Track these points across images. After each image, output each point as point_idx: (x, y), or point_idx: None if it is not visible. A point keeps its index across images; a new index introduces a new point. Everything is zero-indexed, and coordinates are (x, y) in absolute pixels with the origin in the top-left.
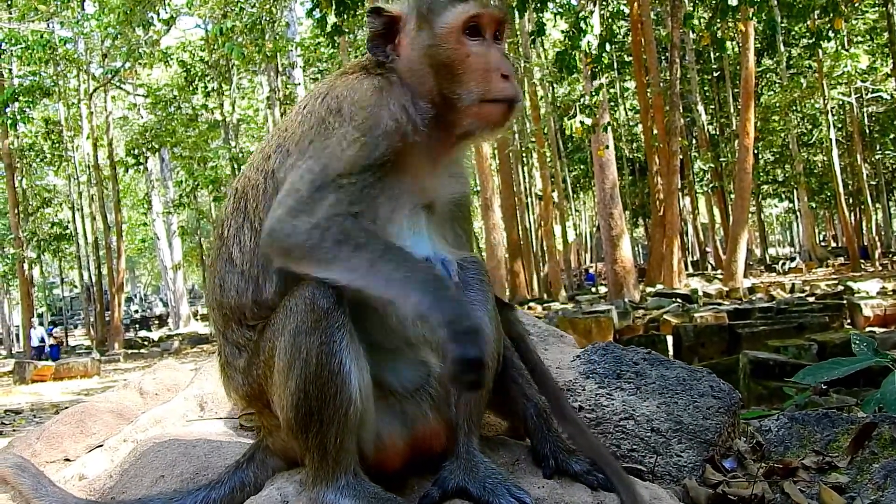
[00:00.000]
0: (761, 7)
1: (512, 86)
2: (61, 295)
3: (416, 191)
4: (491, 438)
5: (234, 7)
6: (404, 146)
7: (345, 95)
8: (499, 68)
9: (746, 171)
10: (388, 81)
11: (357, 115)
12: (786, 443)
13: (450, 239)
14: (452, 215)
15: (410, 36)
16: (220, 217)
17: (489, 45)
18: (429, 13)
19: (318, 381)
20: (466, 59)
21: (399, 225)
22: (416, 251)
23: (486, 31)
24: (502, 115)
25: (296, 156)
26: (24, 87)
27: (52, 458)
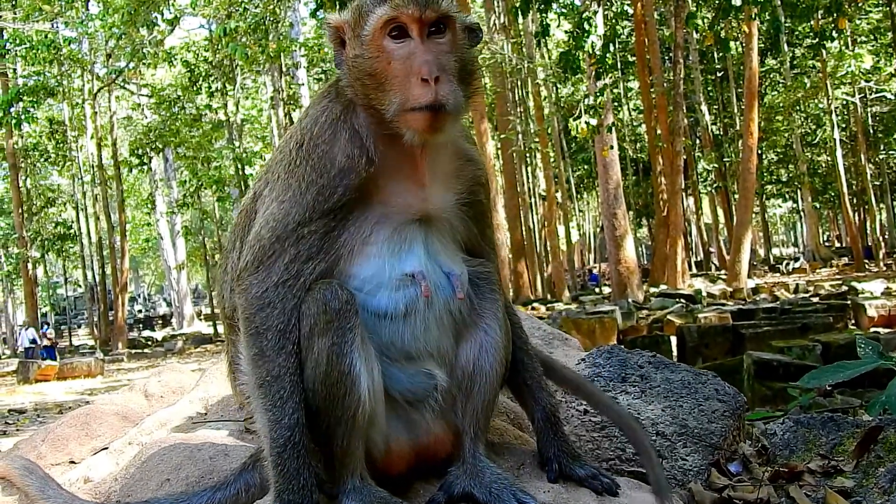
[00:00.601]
0: (765, 7)
1: (430, 91)
2: (65, 294)
3: (397, 210)
4: (496, 444)
5: (238, 7)
6: (366, 177)
7: (307, 128)
8: (418, 72)
9: (750, 172)
10: (343, 105)
11: (314, 154)
12: (791, 446)
13: (457, 246)
14: (460, 218)
15: (348, 47)
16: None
17: (417, 45)
18: (357, 20)
19: (327, 381)
20: (388, 65)
21: (378, 247)
22: (407, 268)
23: (413, 31)
24: (427, 123)
25: (269, 188)
26: (28, 86)
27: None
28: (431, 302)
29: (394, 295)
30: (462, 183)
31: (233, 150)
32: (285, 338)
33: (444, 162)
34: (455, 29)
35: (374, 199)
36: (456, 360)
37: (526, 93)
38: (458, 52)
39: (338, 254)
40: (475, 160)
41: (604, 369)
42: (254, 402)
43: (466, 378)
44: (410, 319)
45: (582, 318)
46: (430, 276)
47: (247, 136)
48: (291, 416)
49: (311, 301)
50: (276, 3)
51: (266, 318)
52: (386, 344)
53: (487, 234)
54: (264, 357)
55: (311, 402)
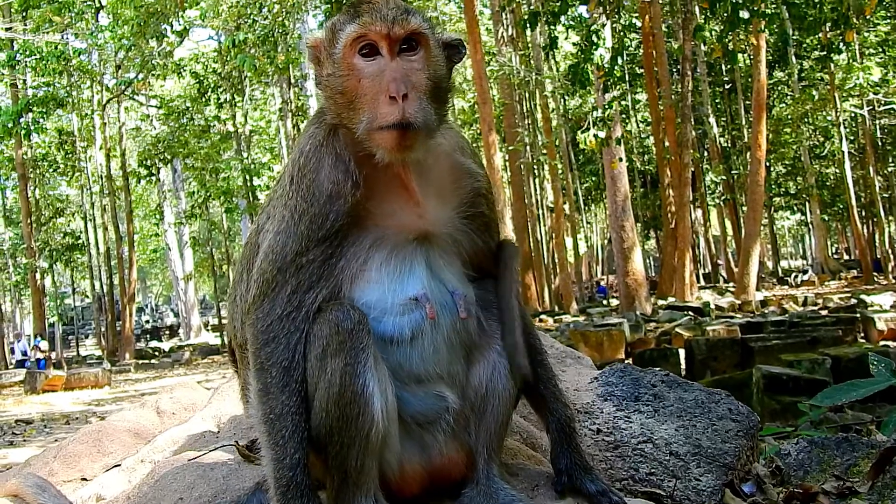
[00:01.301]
0: (773, 19)
1: (398, 109)
2: (73, 305)
3: (393, 231)
4: (510, 464)
5: (247, 19)
6: (355, 201)
7: (296, 156)
8: (386, 90)
9: (758, 184)
10: (326, 129)
11: (302, 183)
12: (805, 467)
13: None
14: (463, 232)
15: (323, 66)
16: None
17: (386, 63)
18: (330, 39)
19: (340, 401)
20: (358, 83)
21: (378, 271)
22: (410, 291)
23: (383, 48)
24: (395, 142)
25: (270, 221)
26: (38, 97)
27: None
28: (438, 324)
29: (399, 320)
30: (460, 196)
31: (241, 162)
32: (289, 375)
33: (437, 177)
34: (428, 46)
35: (368, 223)
36: (468, 381)
37: (534, 105)
38: (430, 69)
39: (338, 280)
40: (473, 172)
41: (616, 388)
42: (259, 436)
43: (479, 399)
44: (417, 343)
45: (590, 330)
46: (434, 297)
47: (255, 148)
48: (293, 455)
49: (323, 322)
50: (285, 15)
51: (271, 353)
52: (394, 368)
53: (493, 245)
54: (268, 394)
55: (325, 423)
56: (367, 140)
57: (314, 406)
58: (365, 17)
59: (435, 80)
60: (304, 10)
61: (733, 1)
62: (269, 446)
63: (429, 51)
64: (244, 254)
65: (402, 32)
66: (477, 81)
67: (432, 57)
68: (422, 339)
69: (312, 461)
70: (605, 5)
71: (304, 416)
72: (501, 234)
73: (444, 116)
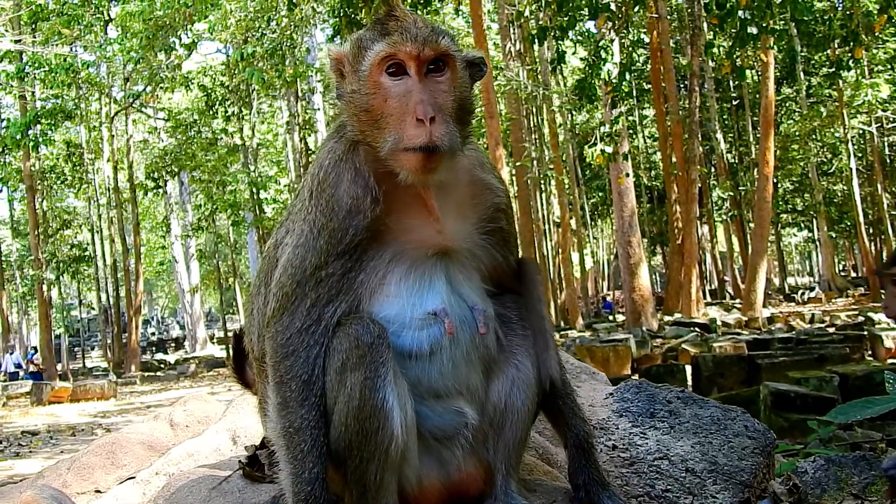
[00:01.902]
0: (781, 36)
1: (425, 132)
2: (79, 316)
3: (412, 246)
4: (527, 480)
5: (255, 33)
6: (374, 216)
7: (315, 170)
8: (414, 112)
9: (766, 200)
10: (346, 143)
11: (321, 198)
12: (823, 485)
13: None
14: (483, 247)
15: (346, 81)
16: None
17: (414, 84)
18: (356, 55)
19: (360, 415)
20: (385, 103)
21: (398, 285)
22: (429, 306)
23: (411, 69)
24: (421, 164)
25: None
26: (46, 109)
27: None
28: (457, 339)
29: (417, 335)
30: (480, 212)
31: (248, 175)
32: (308, 389)
33: (457, 193)
34: (455, 67)
35: (387, 238)
36: (487, 397)
37: (541, 119)
38: (457, 90)
39: (357, 295)
40: (493, 187)
41: (632, 404)
42: (277, 450)
43: (498, 415)
44: (436, 358)
45: (596, 345)
46: (453, 312)
47: (262, 161)
48: (311, 470)
49: (343, 336)
50: (293, 28)
51: (290, 367)
52: (413, 382)
53: (512, 260)
54: (287, 408)
55: (344, 437)
56: (390, 160)
57: (333, 420)
58: (395, 37)
59: (460, 101)
60: (312, 23)
61: (742, 17)
62: (288, 460)
63: (455, 72)
64: (262, 267)
65: (432, 54)
66: (484, 96)
67: (459, 78)
68: (440, 354)
69: (331, 475)
70: (614, 21)
71: (323, 430)
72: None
73: (468, 136)
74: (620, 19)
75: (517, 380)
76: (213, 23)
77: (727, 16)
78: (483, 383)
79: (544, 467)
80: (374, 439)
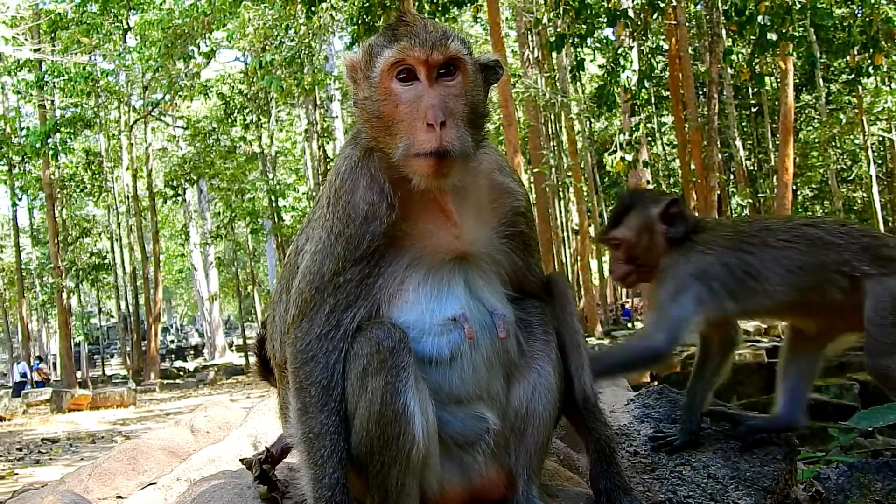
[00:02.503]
0: (801, 42)
1: (435, 137)
2: (98, 324)
3: (430, 251)
4: (549, 485)
5: (273, 40)
6: (391, 222)
7: (333, 177)
8: (424, 117)
9: (785, 208)
10: (362, 150)
11: (339, 204)
12: (846, 491)
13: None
14: (503, 252)
15: (359, 87)
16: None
17: (424, 88)
18: (367, 61)
19: (381, 420)
20: (395, 108)
21: (416, 291)
22: (449, 311)
23: (421, 73)
24: (432, 169)
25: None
26: (65, 118)
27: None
28: (477, 344)
29: (437, 340)
30: (499, 216)
31: (266, 183)
32: (328, 394)
33: (475, 197)
34: (466, 70)
35: (404, 243)
36: (508, 402)
37: (559, 127)
38: (468, 94)
39: (376, 300)
40: (512, 191)
41: (654, 410)
42: (298, 455)
43: (519, 420)
44: (457, 363)
45: None
46: (473, 317)
47: (280, 169)
48: (332, 475)
49: (364, 341)
50: (312, 36)
51: (310, 372)
52: (434, 388)
53: (532, 264)
54: (307, 413)
55: (366, 442)
56: (403, 165)
57: (355, 425)
58: (403, 42)
59: (472, 105)
60: (330, 31)
61: (761, 24)
62: (309, 465)
63: (467, 75)
64: (283, 274)
65: (441, 58)
66: (502, 103)
67: (470, 81)
68: (461, 360)
69: (353, 480)
70: (632, 28)
71: (344, 435)
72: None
73: (482, 140)
74: (639, 26)
75: (539, 385)
76: (232, 31)
77: (746, 22)
78: (504, 388)
79: (566, 473)
80: (395, 444)
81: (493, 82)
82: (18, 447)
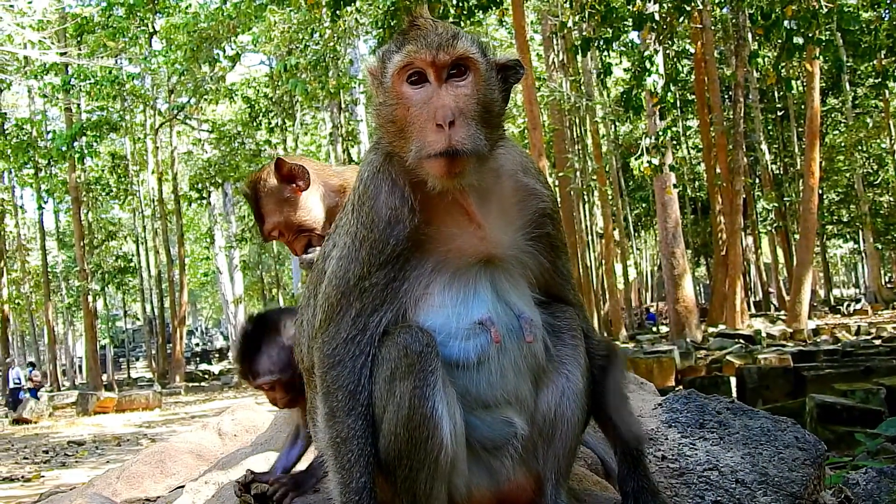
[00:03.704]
0: (828, 46)
1: (444, 137)
2: (124, 327)
3: (455, 255)
4: (577, 490)
5: (298, 44)
6: (413, 225)
7: (357, 184)
8: (433, 118)
9: (811, 212)
10: (383, 155)
11: (363, 209)
12: (874, 497)
13: (528, 284)
14: (530, 254)
15: (375, 94)
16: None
17: (434, 90)
18: (381, 68)
19: (409, 424)
20: (408, 112)
21: (442, 295)
22: (475, 315)
23: (430, 75)
24: (444, 169)
25: (335, 248)
26: (91, 121)
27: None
28: (504, 348)
29: (464, 344)
30: (524, 217)
31: None
32: (355, 399)
33: (499, 198)
34: (477, 70)
35: (428, 247)
36: (536, 407)
37: (584, 130)
38: (480, 93)
39: (402, 304)
40: (538, 192)
41: (681, 415)
42: (326, 460)
43: (548, 424)
44: (484, 367)
45: (639, 357)
46: (500, 320)
47: None
48: (359, 479)
49: (392, 345)
50: (337, 40)
51: (337, 377)
52: (461, 393)
53: (560, 266)
54: (335, 418)
55: (394, 447)
56: (417, 168)
57: (382, 430)
58: (410, 46)
59: (486, 104)
60: (355, 35)
61: (787, 27)
62: (336, 470)
63: (478, 75)
64: (311, 279)
65: (448, 59)
66: (527, 107)
67: (482, 81)
68: (488, 364)
69: (381, 485)
70: (658, 31)
71: (370, 439)
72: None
73: (498, 139)
74: (665, 30)
75: (567, 390)
76: (257, 35)
77: (772, 26)
78: (532, 393)
79: (594, 477)
80: (423, 448)
81: (514, 82)
82: (45, 450)
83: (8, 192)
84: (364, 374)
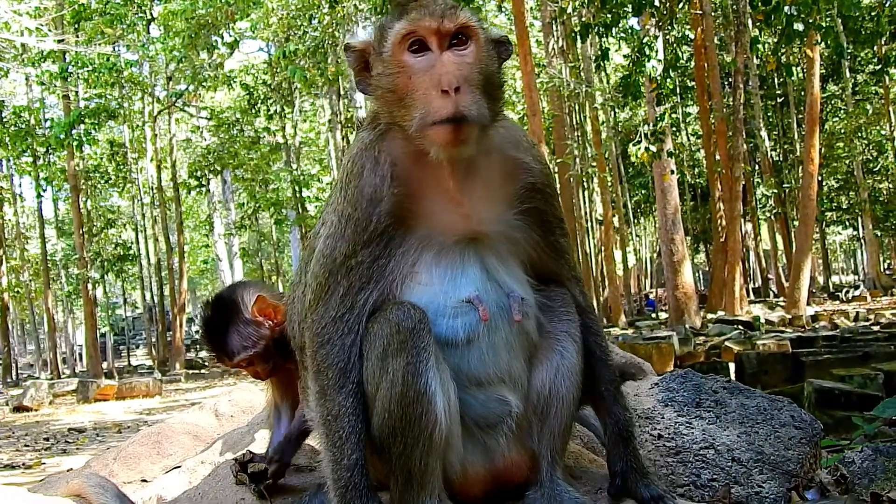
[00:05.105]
0: (828, 32)
1: (451, 102)
2: (124, 315)
3: (439, 232)
4: (573, 467)
5: (297, 31)
6: (396, 202)
7: (346, 161)
8: (438, 84)
9: (811, 198)
10: (374, 133)
11: (348, 186)
12: (871, 475)
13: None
14: (521, 229)
15: (373, 67)
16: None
17: (437, 57)
18: (379, 39)
19: (403, 401)
20: (409, 80)
21: (428, 273)
22: (463, 293)
23: (433, 43)
24: (450, 136)
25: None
26: (89, 109)
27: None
28: (494, 326)
29: (452, 322)
30: (511, 192)
31: (290, 173)
32: (345, 376)
33: (485, 174)
34: (478, 40)
35: (412, 224)
36: (530, 384)
37: (583, 117)
38: (481, 63)
39: (388, 282)
40: (528, 166)
41: (678, 394)
42: (318, 437)
43: (542, 402)
44: (474, 345)
45: (639, 343)
46: (488, 298)
47: (304, 159)
48: (350, 456)
49: (384, 322)
50: (335, 26)
51: (326, 355)
52: (453, 370)
53: (553, 241)
54: (325, 396)
55: (388, 423)
56: (420, 137)
57: (376, 407)
58: (413, 14)
59: (486, 75)
60: (354, 21)
61: (788, 13)
62: (328, 447)
63: (479, 44)
64: (303, 257)
65: (452, 27)
66: (527, 93)
67: (483, 51)
68: (478, 342)
69: (375, 463)
70: (658, 17)
71: (362, 416)
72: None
73: (498, 112)
74: (665, 16)
75: (561, 367)
76: (255, 21)
77: (773, 12)
78: (526, 370)
79: (589, 455)
80: (417, 424)
81: (504, 59)
82: (45, 437)
83: (6, 180)
84: (353, 351)
